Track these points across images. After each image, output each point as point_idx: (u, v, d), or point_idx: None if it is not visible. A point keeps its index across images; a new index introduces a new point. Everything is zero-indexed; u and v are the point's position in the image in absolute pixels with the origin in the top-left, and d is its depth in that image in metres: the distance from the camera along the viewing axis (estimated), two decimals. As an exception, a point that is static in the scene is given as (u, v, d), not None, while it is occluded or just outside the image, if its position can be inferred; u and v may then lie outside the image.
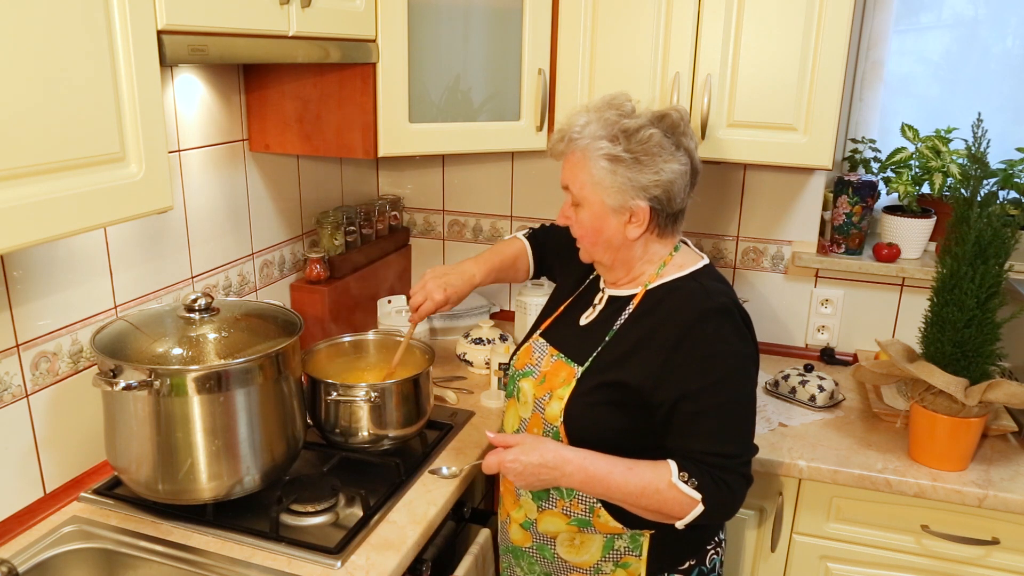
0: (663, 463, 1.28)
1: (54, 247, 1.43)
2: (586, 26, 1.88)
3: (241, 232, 1.92)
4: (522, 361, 1.49)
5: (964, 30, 2.18)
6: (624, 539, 1.38)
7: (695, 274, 1.37)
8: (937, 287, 1.62)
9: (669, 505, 1.26)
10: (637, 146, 1.29)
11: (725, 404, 1.28)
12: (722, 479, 1.26)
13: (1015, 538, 1.61)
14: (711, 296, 1.31)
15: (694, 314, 1.29)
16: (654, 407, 1.29)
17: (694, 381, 1.26)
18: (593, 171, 1.32)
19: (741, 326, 1.31)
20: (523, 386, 1.44)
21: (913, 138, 2.12)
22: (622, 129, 1.30)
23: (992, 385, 1.53)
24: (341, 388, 1.59)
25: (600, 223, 1.35)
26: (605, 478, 1.27)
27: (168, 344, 1.38)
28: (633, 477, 1.26)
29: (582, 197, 1.35)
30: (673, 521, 1.29)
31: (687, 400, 1.26)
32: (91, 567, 1.37)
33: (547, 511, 1.40)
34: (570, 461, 1.27)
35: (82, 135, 1.04)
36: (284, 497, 1.46)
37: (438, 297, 1.59)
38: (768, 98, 1.80)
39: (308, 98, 1.82)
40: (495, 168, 2.41)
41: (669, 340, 1.28)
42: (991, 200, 1.57)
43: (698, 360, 1.27)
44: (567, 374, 1.37)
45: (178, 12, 1.16)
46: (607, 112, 1.33)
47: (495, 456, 1.30)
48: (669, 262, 1.38)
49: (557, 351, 1.44)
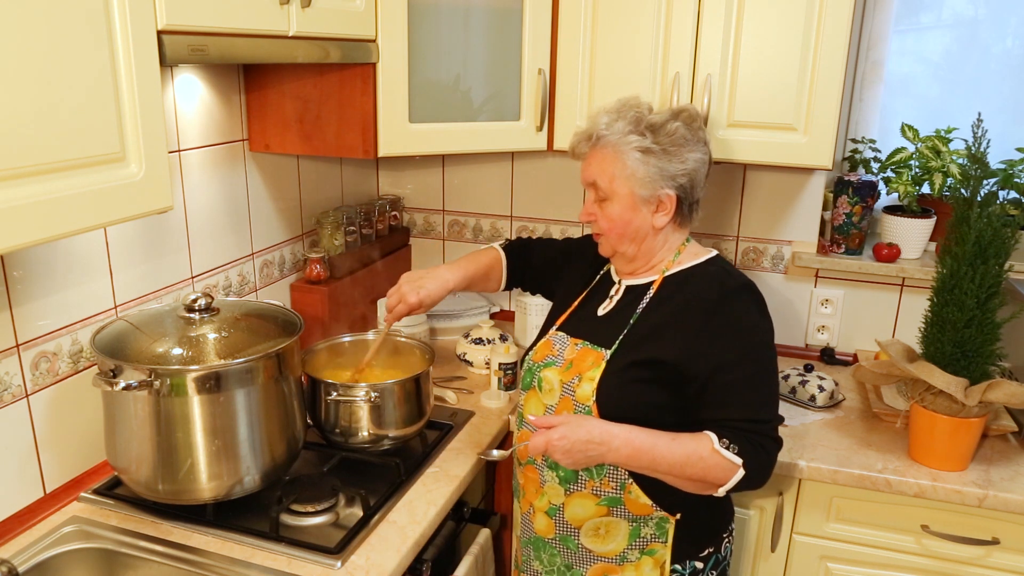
0: (703, 433, 1.33)
1: (54, 247, 1.43)
2: (586, 26, 1.88)
3: (241, 232, 1.92)
4: (541, 353, 1.52)
5: (964, 30, 2.18)
6: (650, 525, 1.42)
7: (712, 260, 1.47)
8: (937, 287, 1.62)
9: (713, 472, 1.31)
10: (665, 138, 1.39)
11: (756, 374, 1.36)
12: (759, 443, 1.33)
13: (1015, 538, 1.61)
14: (734, 276, 1.43)
15: (721, 292, 1.39)
16: (687, 381, 1.36)
17: (727, 353, 1.34)
18: (627, 163, 1.39)
19: (763, 303, 1.42)
20: (546, 375, 1.48)
21: (913, 138, 2.12)
22: (649, 124, 1.40)
23: (992, 385, 1.53)
24: (341, 388, 1.59)
25: (630, 214, 1.42)
26: (651, 450, 1.31)
27: (168, 344, 1.38)
28: (678, 447, 1.32)
29: (611, 191, 1.41)
30: (714, 489, 1.35)
31: (721, 371, 1.34)
32: (91, 567, 1.37)
33: (575, 494, 1.43)
34: (616, 436, 1.31)
35: (82, 135, 1.04)
36: (284, 497, 1.46)
37: (411, 300, 1.62)
38: (768, 98, 1.80)
39: (308, 98, 1.82)
40: (495, 168, 2.41)
41: (699, 317, 1.37)
42: (991, 200, 1.57)
43: (729, 334, 1.36)
44: (595, 358, 1.42)
45: (178, 12, 1.16)
46: (628, 112, 1.42)
47: (541, 436, 1.31)
48: (683, 251, 1.48)
49: (580, 340, 1.48)
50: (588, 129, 1.45)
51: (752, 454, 1.32)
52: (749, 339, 1.37)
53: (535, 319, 2.23)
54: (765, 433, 1.35)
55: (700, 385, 1.35)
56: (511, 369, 1.95)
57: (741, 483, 1.33)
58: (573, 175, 2.34)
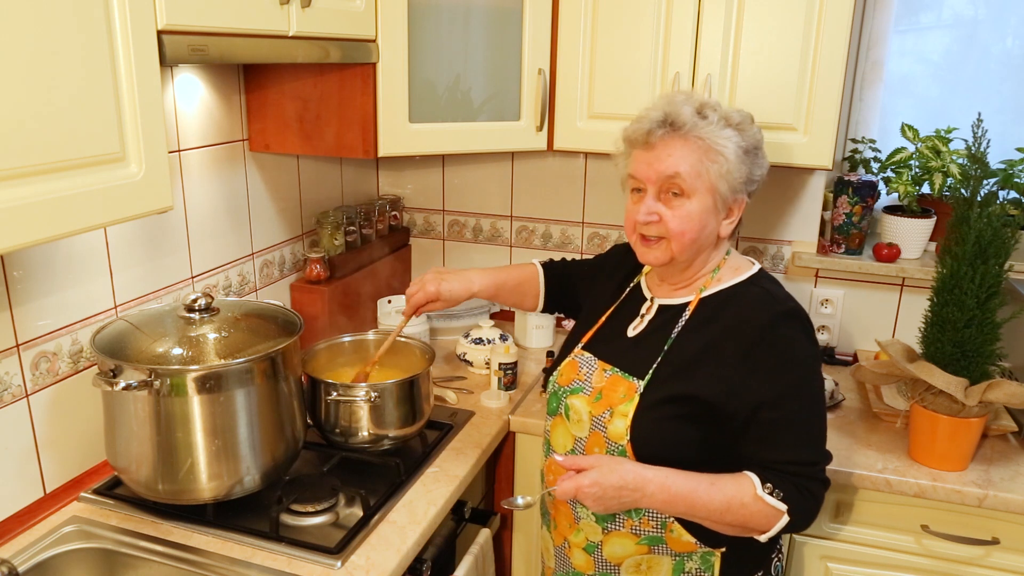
0: (744, 476, 1.24)
1: (54, 247, 1.43)
2: (586, 26, 1.88)
3: (241, 232, 1.92)
4: (567, 377, 1.42)
5: (964, 30, 2.18)
6: (695, 559, 1.32)
7: (754, 279, 1.34)
8: (937, 287, 1.61)
9: (755, 519, 1.23)
10: (751, 139, 1.29)
11: (802, 410, 1.25)
12: (805, 487, 1.24)
13: (1015, 538, 1.61)
14: (779, 300, 1.29)
15: (765, 319, 1.26)
16: (728, 417, 1.25)
17: (771, 388, 1.23)
18: (728, 159, 1.25)
19: (811, 329, 1.29)
20: (574, 404, 1.37)
21: (913, 138, 2.12)
22: (736, 123, 1.28)
23: (992, 385, 1.53)
24: (341, 388, 1.59)
25: (708, 217, 1.28)
26: (689, 496, 1.22)
27: (168, 344, 1.38)
28: (717, 493, 1.22)
29: (695, 187, 1.26)
30: (755, 535, 1.26)
31: (765, 408, 1.23)
32: (91, 567, 1.37)
33: (613, 532, 1.33)
34: (651, 481, 1.22)
35: (82, 135, 1.04)
36: (284, 497, 1.46)
37: (430, 289, 1.56)
38: (768, 98, 1.80)
39: (308, 98, 1.82)
40: (495, 168, 2.41)
41: (740, 347, 1.25)
42: (991, 200, 1.57)
43: (773, 366, 1.23)
44: (627, 389, 1.31)
45: (178, 12, 1.16)
46: (705, 106, 1.29)
47: (571, 482, 1.22)
48: (724, 265, 1.36)
49: (609, 365, 1.37)
50: (668, 114, 1.26)
51: (798, 499, 1.22)
52: (796, 372, 1.24)
53: (535, 319, 2.23)
54: (812, 476, 1.25)
55: (742, 422, 1.24)
56: (511, 369, 1.95)
57: (785, 528, 1.24)
58: (573, 175, 2.34)
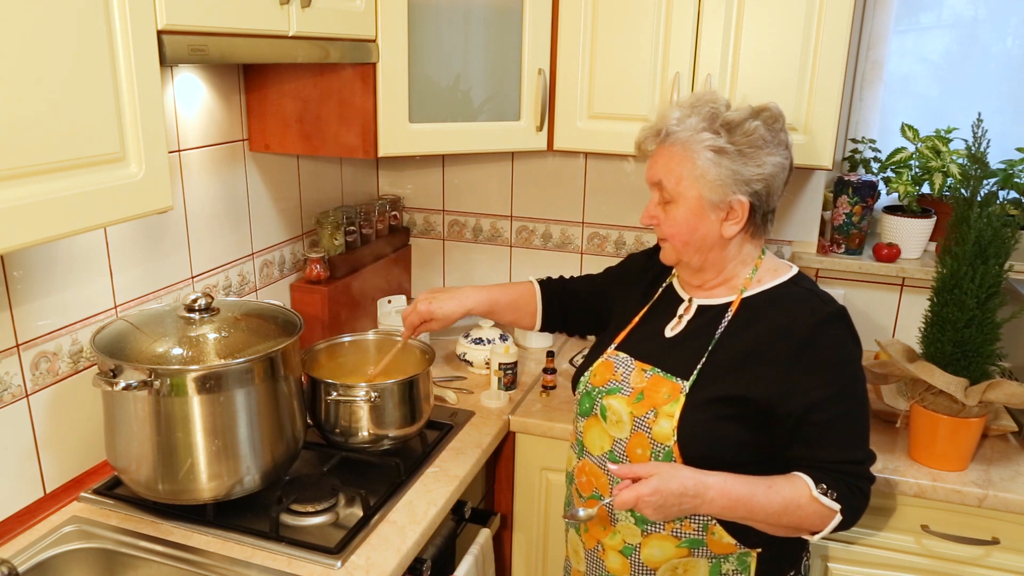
0: (797, 477, 1.25)
1: (54, 247, 1.43)
2: (586, 26, 1.88)
3: (241, 232, 1.92)
4: (602, 377, 1.40)
5: (964, 30, 2.18)
6: (731, 561, 1.32)
7: (795, 280, 1.35)
8: (937, 287, 1.61)
9: (810, 520, 1.24)
10: (741, 138, 1.27)
11: (851, 411, 1.27)
12: (856, 485, 1.26)
13: (1015, 538, 1.61)
14: (825, 302, 1.30)
15: (813, 321, 1.26)
16: (778, 419, 1.26)
17: (822, 390, 1.24)
18: (697, 163, 1.27)
19: (855, 330, 1.30)
20: (611, 404, 1.35)
21: (913, 138, 2.12)
22: (725, 122, 1.28)
23: (992, 385, 1.53)
24: (341, 388, 1.59)
25: (696, 220, 1.30)
26: (748, 500, 1.22)
27: (168, 344, 1.38)
28: (775, 496, 1.22)
29: (677, 193, 1.29)
30: (807, 535, 1.27)
31: (816, 410, 1.24)
32: (91, 567, 1.37)
33: (653, 535, 1.32)
34: (711, 487, 1.21)
35: (82, 135, 1.04)
36: (284, 497, 1.46)
37: (422, 308, 1.61)
38: (768, 98, 1.77)
39: (308, 98, 1.81)
40: (495, 168, 2.41)
41: (788, 348, 1.25)
42: (991, 200, 1.57)
43: (824, 368, 1.25)
44: (670, 389, 1.30)
45: (178, 12, 1.16)
46: (703, 107, 1.30)
47: (630, 492, 1.19)
48: (761, 266, 1.36)
49: (649, 365, 1.36)
50: (657, 124, 1.32)
51: (850, 498, 1.24)
52: (845, 373, 1.26)
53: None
54: (861, 474, 1.27)
55: (792, 424, 1.25)
56: (511, 369, 1.95)
57: (837, 527, 1.25)
58: (573, 175, 2.34)
